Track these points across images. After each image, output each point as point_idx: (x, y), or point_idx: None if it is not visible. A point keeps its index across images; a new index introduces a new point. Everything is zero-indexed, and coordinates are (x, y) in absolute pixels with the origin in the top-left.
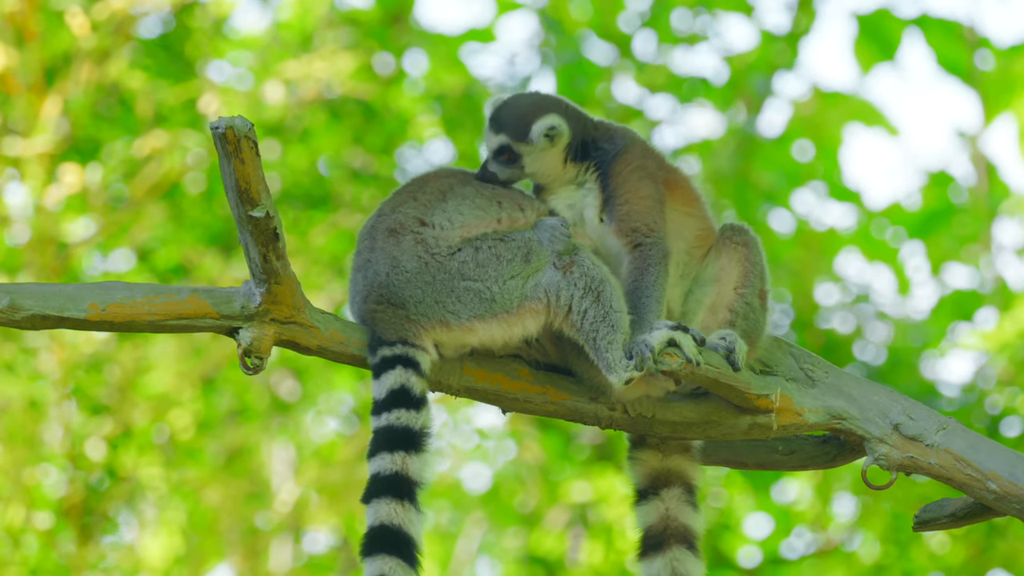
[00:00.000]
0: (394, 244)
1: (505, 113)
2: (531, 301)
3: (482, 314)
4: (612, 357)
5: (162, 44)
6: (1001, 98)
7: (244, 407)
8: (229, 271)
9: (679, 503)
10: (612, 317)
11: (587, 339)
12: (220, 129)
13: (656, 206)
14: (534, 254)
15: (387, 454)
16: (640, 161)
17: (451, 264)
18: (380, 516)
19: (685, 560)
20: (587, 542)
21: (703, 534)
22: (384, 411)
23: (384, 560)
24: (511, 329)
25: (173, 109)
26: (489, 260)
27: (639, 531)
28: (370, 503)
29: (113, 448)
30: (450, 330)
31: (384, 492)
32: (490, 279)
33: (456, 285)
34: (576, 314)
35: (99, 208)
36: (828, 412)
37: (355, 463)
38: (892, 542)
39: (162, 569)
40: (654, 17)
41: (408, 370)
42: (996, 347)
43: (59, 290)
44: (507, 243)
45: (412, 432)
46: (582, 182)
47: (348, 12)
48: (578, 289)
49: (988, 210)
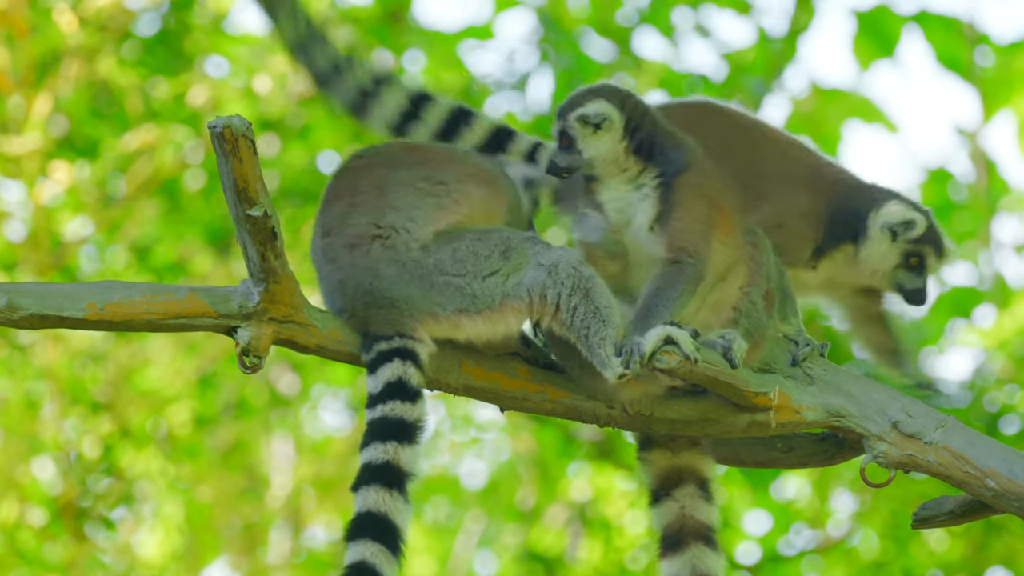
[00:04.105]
0: (363, 256)
1: (566, 101)
2: (514, 300)
3: (466, 308)
4: (606, 353)
5: (160, 40)
6: (1001, 94)
7: (242, 402)
8: (225, 269)
9: (693, 499)
10: (603, 313)
11: (579, 336)
12: (218, 128)
13: (707, 230)
14: (514, 251)
15: (379, 443)
16: (702, 180)
17: (427, 261)
18: (367, 503)
19: (704, 557)
20: (586, 539)
21: (719, 525)
22: (379, 403)
23: (367, 545)
24: (495, 327)
25: (165, 104)
26: (467, 257)
27: (656, 532)
28: (359, 491)
29: (109, 445)
30: (439, 323)
31: (373, 480)
32: (469, 275)
33: (436, 280)
34: (565, 312)
35: (91, 205)
36: (827, 410)
37: (351, 457)
38: (891, 539)
39: (159, 566)
40: (653, 13)
41: (406, 362)
42: (995, 344)
43: (57, 289)
44: (485, 240)
45: (406, 424)
46: (640, 184)
47: (347, 10)
48: (565, 287)
49: (987, 207)
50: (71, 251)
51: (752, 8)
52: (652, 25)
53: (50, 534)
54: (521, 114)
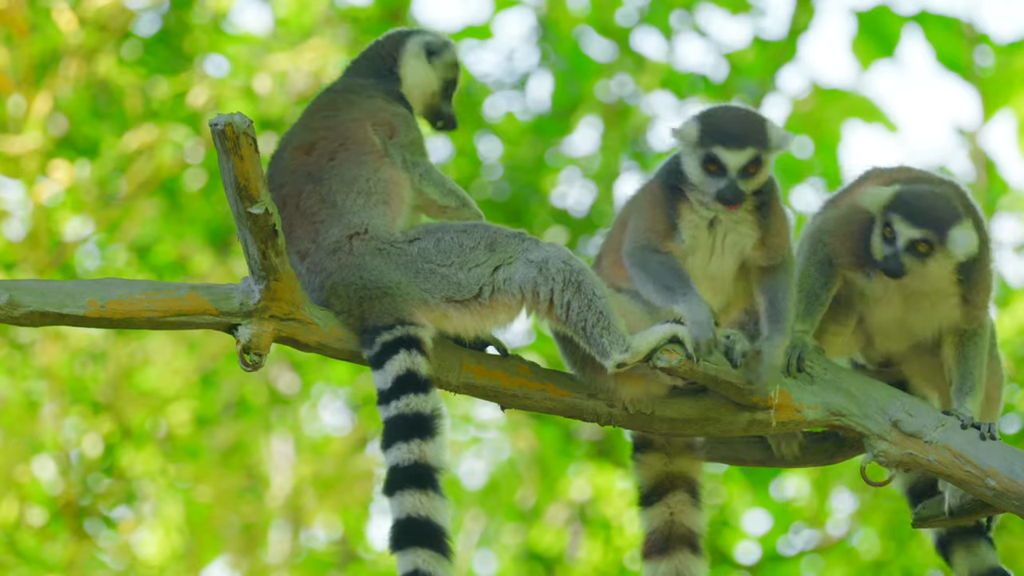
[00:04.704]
0: (347, 254)
1: (764, 134)
2: (505, 295)
3: (452, 297)
4: (605, 342)
5: (160, 39)
6: (1000, 94)
7: (242, 401)
8: (225, 268)
9: (684, 506)
10: (597, 304)
11: (576, 329)
12: (219, 126)
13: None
14: (499, 245)
15: (403, 443)
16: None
17: (411, 249)
18: (406, 508)
19: (689, 563)
20: (586, 539)
21: (706, 530)
22: (392, 399)
23: (417, 553)
24: (483, 321)
25: (164, 103)
26: (452, 247)
27: (643, 533)
28: (393, 496)
29: (109, 445)
30: (431, 310)
31: (406, 483)
32: (455, 265)
33: (421, 267)
34: (559, 307)
35: (91, 204)
36: (827, 409)
37: (351, 456)
38: (891, 539)
39: (159, 565)
40: (652, 13)
41: (412, 351)
42: None
43: (58, 287)
44: (470, 233)
45: (424, 417)
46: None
47: (347, 9)
48: (557, 283)
49: (987, 206)
50: (71, 250)
51: (752, 8)
52: (652, 25)
53: (50, 533)
54: (521, 114)
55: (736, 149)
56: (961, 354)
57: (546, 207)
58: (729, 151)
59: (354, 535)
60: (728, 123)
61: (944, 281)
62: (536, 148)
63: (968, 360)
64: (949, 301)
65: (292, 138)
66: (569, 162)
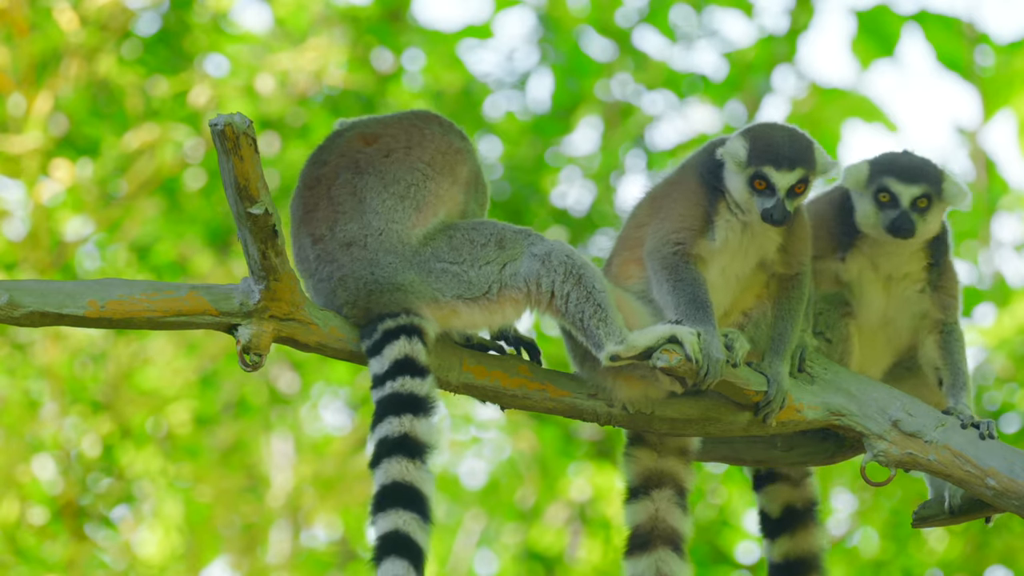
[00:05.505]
0: (361, 250)
1: (808, 150)
2: (511, 290)
3: (462, 295)
4: (601, 333)
5: (160, 39)
6: (1000, 94)
7: (242, 401)
8: (225, 268)
9: (669, 504)
10: (596, 296)
11: (574, 321)
12: (219, 126)
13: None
14: (508, 241)
15: (393, 417)
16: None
17: (425, 250)
18: (391, 474)
19: (670, 561)
20: (586, 539)
21: (690, 537)
22: (388, 380)
23: (399, 514)
24: (492, 316)
25: (164, 103)
26: (463, 245)
27: (627, 528)
28: (379, 465)
29: (109, 445)
30: (440, 308)
31: (394, 452)
32: (466, 263)
33: (434, 267)
34: (559, 299)
35: (91, 204)
36: (827, 408)
37: (351, 456)
38: (891, 538)
39: (159, 565)
40: (653, 13)
41: (412, 339)
42: (995, 343)
43: (58, 287)
44: (480, 230)
45: (417, 397)
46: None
47: (346, 9)
48: (559, 275)
49: (987, 206)
50: (71, 250)
51: (753, 8)
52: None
53: (50, 533)
54: (521, 114)
55: (787, 170)
56: (946, 350)
57: (546, 207)
58: (779, 172)
59: (354, 535)
60: (778, 143)
61: (915, 265)
62: (536, 148)
63: (954, 355)
64: (921, 287)
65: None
66: (569, 162)
